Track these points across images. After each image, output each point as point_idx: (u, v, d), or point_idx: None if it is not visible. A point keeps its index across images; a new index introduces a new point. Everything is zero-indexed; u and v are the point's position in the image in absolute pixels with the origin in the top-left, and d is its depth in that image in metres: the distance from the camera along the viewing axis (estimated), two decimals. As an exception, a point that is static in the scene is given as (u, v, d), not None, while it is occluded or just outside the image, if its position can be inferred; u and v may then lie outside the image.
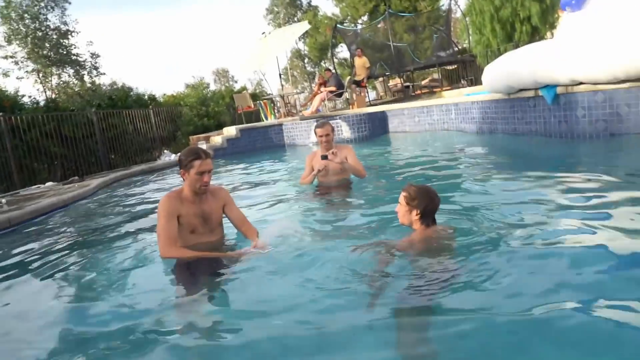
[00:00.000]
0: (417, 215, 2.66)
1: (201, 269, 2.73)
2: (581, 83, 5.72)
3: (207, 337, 2.02)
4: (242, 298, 2.38)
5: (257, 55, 15.06)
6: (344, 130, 10.75)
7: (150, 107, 13.54)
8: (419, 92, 17.66)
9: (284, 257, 2.71)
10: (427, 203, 2.66)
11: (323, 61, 34.36)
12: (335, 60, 30.93)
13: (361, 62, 14.97)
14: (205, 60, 71.52)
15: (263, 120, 14.73)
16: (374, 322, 1.92)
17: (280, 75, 17.02)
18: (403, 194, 2.72)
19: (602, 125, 5.57)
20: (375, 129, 10.79)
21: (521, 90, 6.72)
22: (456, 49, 18.36)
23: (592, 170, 4.09)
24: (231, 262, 2.73)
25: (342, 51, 32.97)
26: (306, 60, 38.00)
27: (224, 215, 3.15)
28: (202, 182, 2.87)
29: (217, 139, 11.93)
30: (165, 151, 12.90)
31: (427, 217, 2.69)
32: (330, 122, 10.62)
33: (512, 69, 6.54)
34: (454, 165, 5.69)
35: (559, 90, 6.00)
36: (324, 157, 4.48)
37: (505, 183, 4.19)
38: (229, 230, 3.22)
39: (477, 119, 8.41)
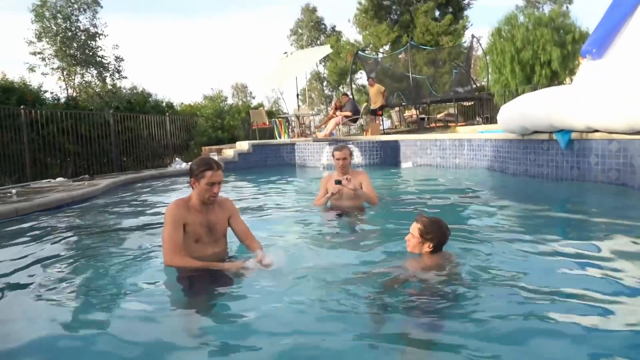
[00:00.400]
0: (429, 247, 2.75)
1: (203, 281, 2.72)
2: (597, 131, 5.72)
3: (200, 349, 1.98)
4: (241, 313, 2.33)
5: (278, 74, 15.26)
6: (356, 156, 10.78)
7: (167, 114, 13.72)
8: (433, 125, 17.74)
9: (287, 275, 2.70)
10: (440, 237, 2.76)
11: (341, 86, 34.75)
12: (354, 86, 31.29)
13: (374, 91, 15.11)
14: (226, 74, 72.60)
15: (276, 138, 14.82)
16: (374, 345, 1.92)
17: (297, 95, 17.18)
18: (418, 225, 2.77)
19: (614, 175, 5.55)
20: (386, 157, 10.81)
21: (535, 132, 6.73)
22: (474, 86, 18.48)
23: (598, 216, 4.07)
24: (234, 275, 2.73)
25: (361, 78, 33.41)
26: (325, 83, 38.47)
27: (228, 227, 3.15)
28: (212, 193, 2.88)
29: (229, 152, 11.99)
30: (177, 159, 13.01)
31: (438, 250, 2.79)
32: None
33: (528, 110, 6.57)
34: (461, 199, 5.67)
35: (574, 135, 6.01)
36: (338, 182, 4.52)
37: (511, 221, 4.17)
38: (232, 243, 3.22)
39: (489, 157, 8.41)
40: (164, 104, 14.67)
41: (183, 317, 2.34)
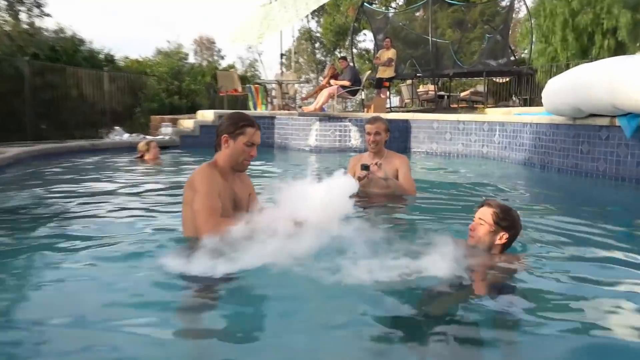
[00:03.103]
0: (502, 240, 2.90)
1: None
2: (675, 115, 5.64)
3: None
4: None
5: (257, 25, 15.04)
6: (353, 137, 10.70)
7: (106, 70, 13.44)
8: (455, 105, 17.67)
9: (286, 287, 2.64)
10: (517, 227, 2.96)
11: (338, 49, 34.57)
12: (355, 50, 31.11)
13: (389, 55, 14.96)
14: (188, 24, 71.84)
15: (250, 110, 14.66)
16: None
17: (282, 56, 16.99)
18: (492, 210, 2.92)
19: (696, 176, 5.46)
20: (393, 141, 10.62)
21: (592, 115, 6.66)
22: (512, 57, 18.44)
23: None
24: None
25: (365, 40, 33.21)
26: (317, 44, 38.24)
27: None
28: (249, 156, 3.09)
29: (187, 123, 11.84)
30: (117, 128, 12.72)
31: (508, 246, 2.96)
32: (339, 124, 10.54)
33: (584, 85, 6.47)
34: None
35: (644, 121, 5.93)
36: (365, 167, 4.63)
37: (559, 233, 4.01)
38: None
39: (527, 146, 8.32)
40: (102, 55, 14.40)
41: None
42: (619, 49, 16.54)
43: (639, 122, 5.92)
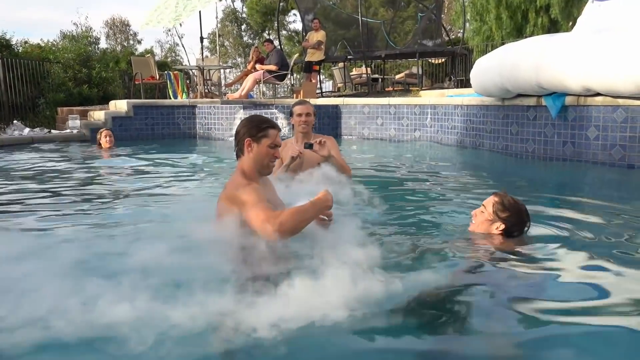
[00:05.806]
0: (498, 230, 3.13)
1: None
2: (598, 94, 5.91)
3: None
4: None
5: (172, 6, 14.75)
6: (281, 125, 10.71)
7: (0, 55, 12.92)
8: (390, 88, 17.90)
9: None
10: (515, 223, 3.14)
11: (267, 31, 34.40)
12: (284, 32, 31.04)
13: (319, 37, 15.00)
14: (99, 4, 69.53)
15: (170, 99, 14.44)
16: None
17: (202, 39, 16.72)
18: (494, 199, 3.17)
19: (619, 153, 5.77)
20: (322, 127, 10.75)
21: (519, 95, 6.91)
22: (446, 37, 18.83)
23: (599, 210, 4.18)
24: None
25: (295, 21, 33.20)
26: (244, 26, 37.92)
27: None
28: (273, 158, 3.20)
29: (98, 115, 11.54)
30: (17, 122, 12.28)
31: (508, 239, 3.14)
32: (264, 112, 10.55)
33: (510, 65, 6.69)
34: (422, 185, 5.71)
35: (568, 100, 6.19)
36: (308, 146, 4.60)
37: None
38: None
39: (459, 128, 8.58)
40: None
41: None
42: (553, 27, 17.21)
43: (563, 102, 6.18)
